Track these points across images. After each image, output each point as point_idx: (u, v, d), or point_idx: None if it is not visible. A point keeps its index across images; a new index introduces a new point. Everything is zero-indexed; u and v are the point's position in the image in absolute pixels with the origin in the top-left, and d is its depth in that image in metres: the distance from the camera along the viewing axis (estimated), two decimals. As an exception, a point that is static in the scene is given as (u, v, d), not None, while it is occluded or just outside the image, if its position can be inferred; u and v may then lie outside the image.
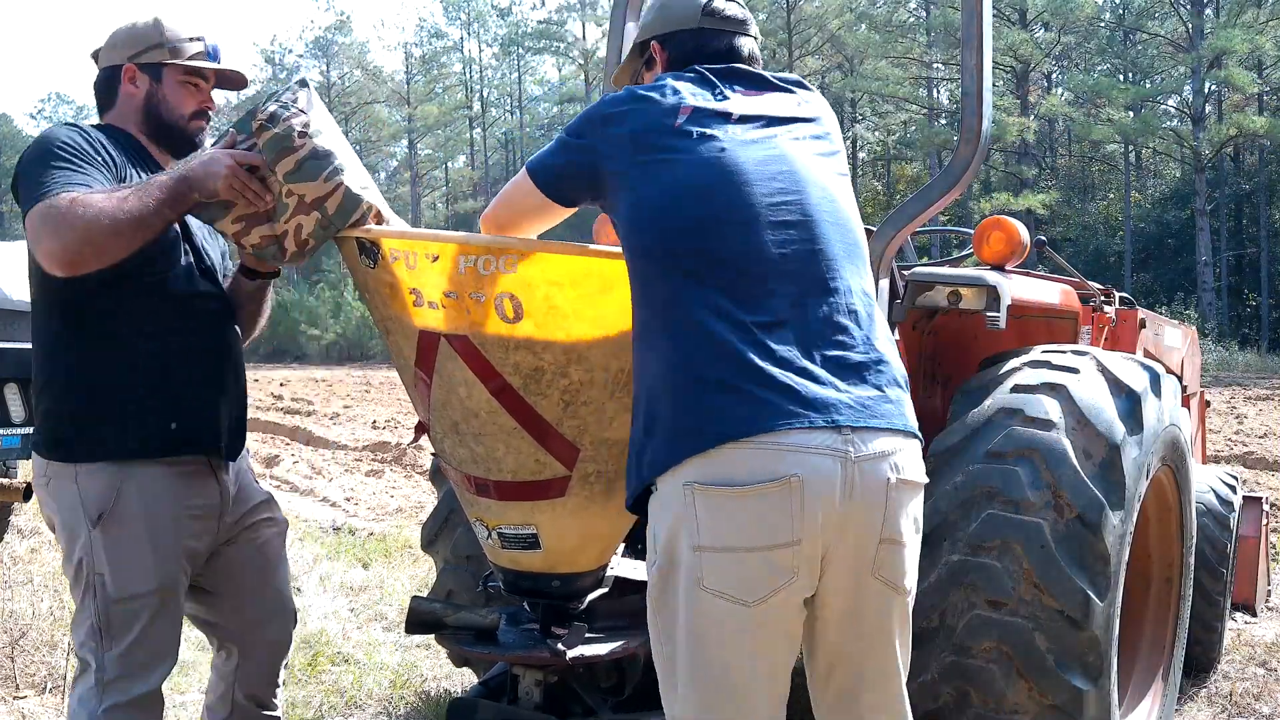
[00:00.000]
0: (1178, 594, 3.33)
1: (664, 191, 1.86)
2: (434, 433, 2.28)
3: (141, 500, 2.28)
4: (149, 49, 2.41)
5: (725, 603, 1.75)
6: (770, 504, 1.72)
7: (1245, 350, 26.45)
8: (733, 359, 1.75)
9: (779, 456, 1.71)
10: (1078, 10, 31.65)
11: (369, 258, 2.10)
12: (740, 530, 1.73)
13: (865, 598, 1.83)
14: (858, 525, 1.77)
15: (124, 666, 2.27)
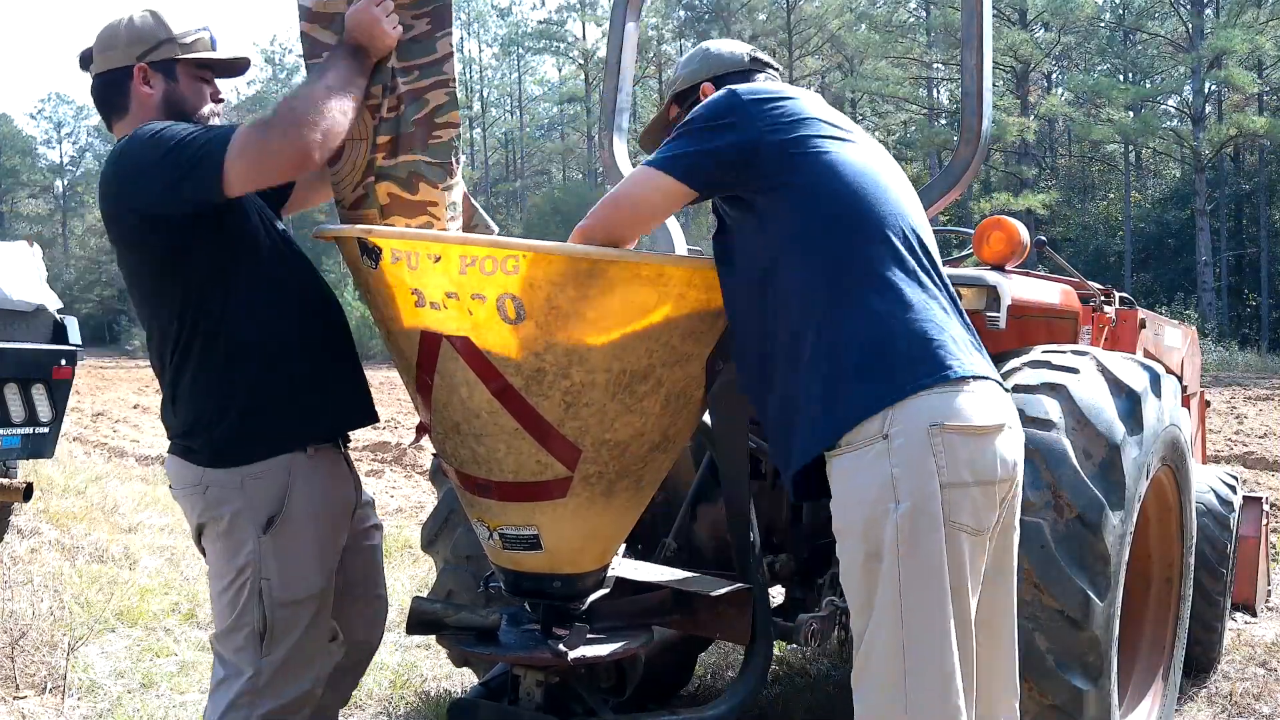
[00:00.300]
0: (1178, 594, 3.33)
1: (855, 170, 2.02)
2: (435, 433, 2.28)
3: (309, 502, 2.27)
4: (158, 45, 2.30)
5: (967, 534, 1.90)
6: (1001, 443, 1.94)
7: (1245, 350, 26.45)
8: (934, 316, 1.95)
9: (1003, 401, 1.99)
10: (1078, 10, 31.66)
11: (370, 258, 2.10)
12: (980, 466, 1.91)
13: (1007, 545, 2.05)
14: (1012, 478, 2.00)
15: (282, 671, 2.26)
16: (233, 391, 2.24)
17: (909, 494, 1.87)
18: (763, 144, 2.00)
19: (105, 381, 23.67)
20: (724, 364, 2.21)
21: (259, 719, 2.25)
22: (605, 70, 3.67)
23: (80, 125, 68.30)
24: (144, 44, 2.30)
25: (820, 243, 1.99)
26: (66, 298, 36.51)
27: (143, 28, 2.32)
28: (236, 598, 2.26)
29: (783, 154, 2.00)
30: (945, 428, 1.88)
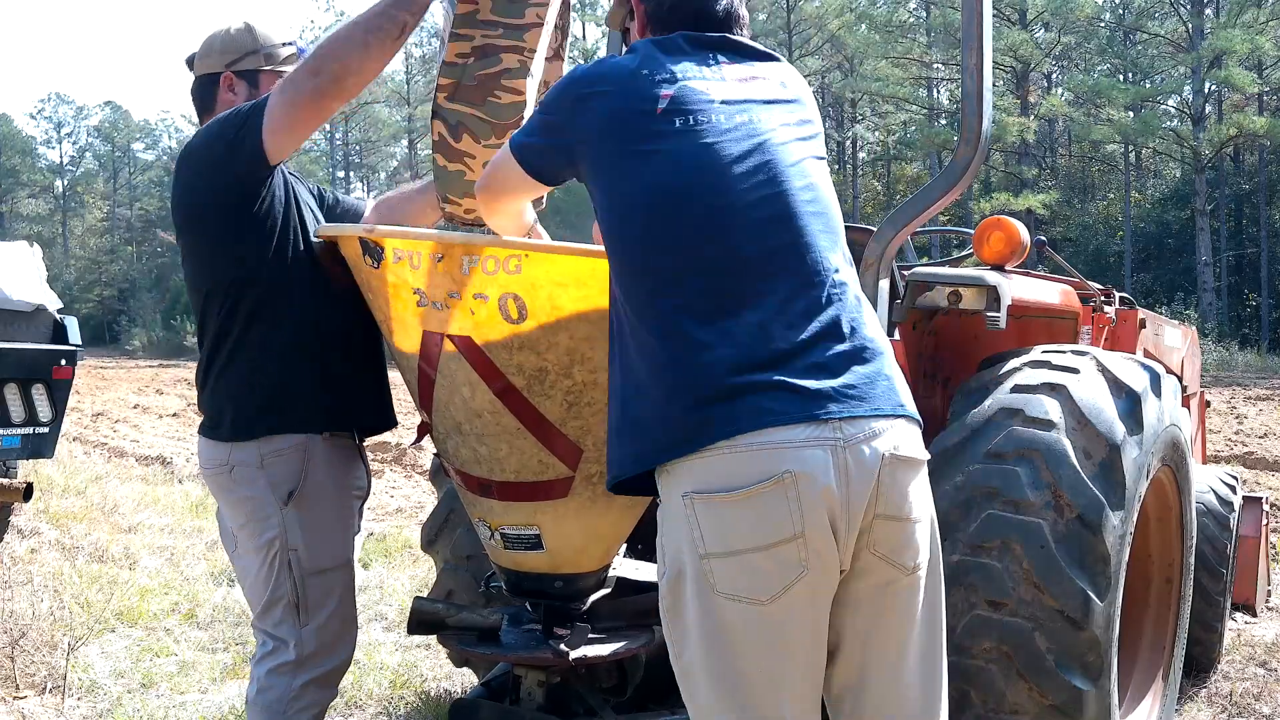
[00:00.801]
0: (1178, 594, 3.33)
1: (643, 190, 1.82)
2: (436, 433, 2.29)
3: (327, 476, 2.38)
4: (245, 56, 2.50)
5: (740, 605, 1.73)
6: (768, 502, 1.70)
7: (1245, 350, 26.44)
8: (714, 364, 1.73)
9: (769, 456, 1.70)
10: (1078, 10, 31.64)
11: (372, 257, 2.10)
12: (743, 532, 1.71)
13: (865, 575, 1.79)
14: (855, 506, 1.74)
15: (321, 640, 2.37)
16: (264, 373, 2.36)
17: (672, 564, 1.78)
18: (574, 151, 1.90)
19: (105, 381, 23.66)
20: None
21: (299, 688, 2.35)
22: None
23: (80, 125, 68.28)
24: (233, 54, 2.51)
25: (616, 268, 1.85)
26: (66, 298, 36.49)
27: (235, 39, 2.53)
28: (269, 572, 2.37)
29: (589, 164, 1.89)
30: (696, 497, 1.72)
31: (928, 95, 38.69)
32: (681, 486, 1.74)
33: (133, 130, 67.18)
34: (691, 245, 1.79)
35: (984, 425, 2.66)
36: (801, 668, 1.79)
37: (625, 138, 1.83)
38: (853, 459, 1.72)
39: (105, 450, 11.51)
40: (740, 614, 1.73)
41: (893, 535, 1.79)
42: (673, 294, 1.77)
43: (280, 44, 2.52)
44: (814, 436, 1.70)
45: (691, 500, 1.73)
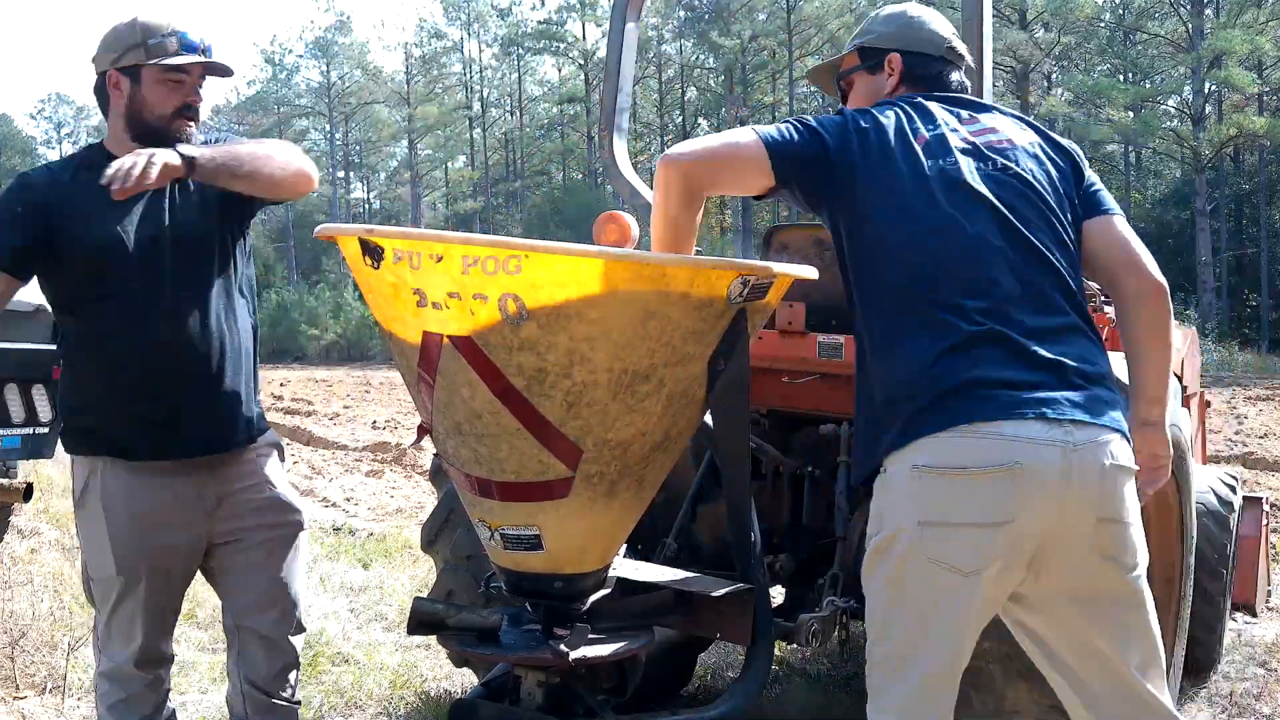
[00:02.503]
0: (1178, 594, 3.33)
1: (897, 215, 2.03)
2: (436, 434, 2.28)
3: (105, 495, 2.46)
4: (127, 51, 2.41)
5: (945, 572, 1.92)
6: (991, 487, 1.88)
7: (1245, 350, 26.44)
8: (962, 363, 1.93)
9: (1005, 445, 1.89)
10: (1078, 10, 31.64)
11: (372, 258, 2.10)
12: (960, 508, 1.90)
13: (1092, 577, 1.97)
14: (1076, 508, 1.92)
15: (106, 633, 2.55)
16: (69, 392, 2.55)
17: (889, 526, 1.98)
18: (833, 162, 2.08)
19: (105, 381, 23.62)
20: (725, 364, 2.20)
21: (98, 675, 2.61)
22: (605, 70, 3.67)
23: (80, 125, 68.20)
24: (117, 49, 2.43)
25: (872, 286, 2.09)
26: (66, 298, 36.35)
27: (120, 33, 2.44)
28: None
29: (845, 174, 2.07)
30: (925, 470, 1.93)
31: (928, 95, 38.65)
32: (911, 459, 1.93)
33: (133, 130, 67.15)
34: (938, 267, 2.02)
35: (984, 425, 2.65)
36: (957, 641, 1.99)
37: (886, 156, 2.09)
38: (1079, 461, 1.91)
39: (105, 450, 11.49)
40: (944, 580, 1.93)
41: (1117, 537, 1.98)
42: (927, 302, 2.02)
43: (164, 36, 2.41)
44: (1046, 436, 1.90)
45: (920, 472, 1.92)
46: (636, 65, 3.82)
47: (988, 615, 2.02)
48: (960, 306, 1.96)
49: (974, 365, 1.93)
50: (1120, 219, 2.17)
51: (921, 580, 1.94)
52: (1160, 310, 2.09)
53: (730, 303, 2.14)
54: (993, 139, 2.14)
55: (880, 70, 2.31)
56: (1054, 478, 1.89)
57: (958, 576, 1.91)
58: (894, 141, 2.07)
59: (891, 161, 2.06)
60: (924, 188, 2.03)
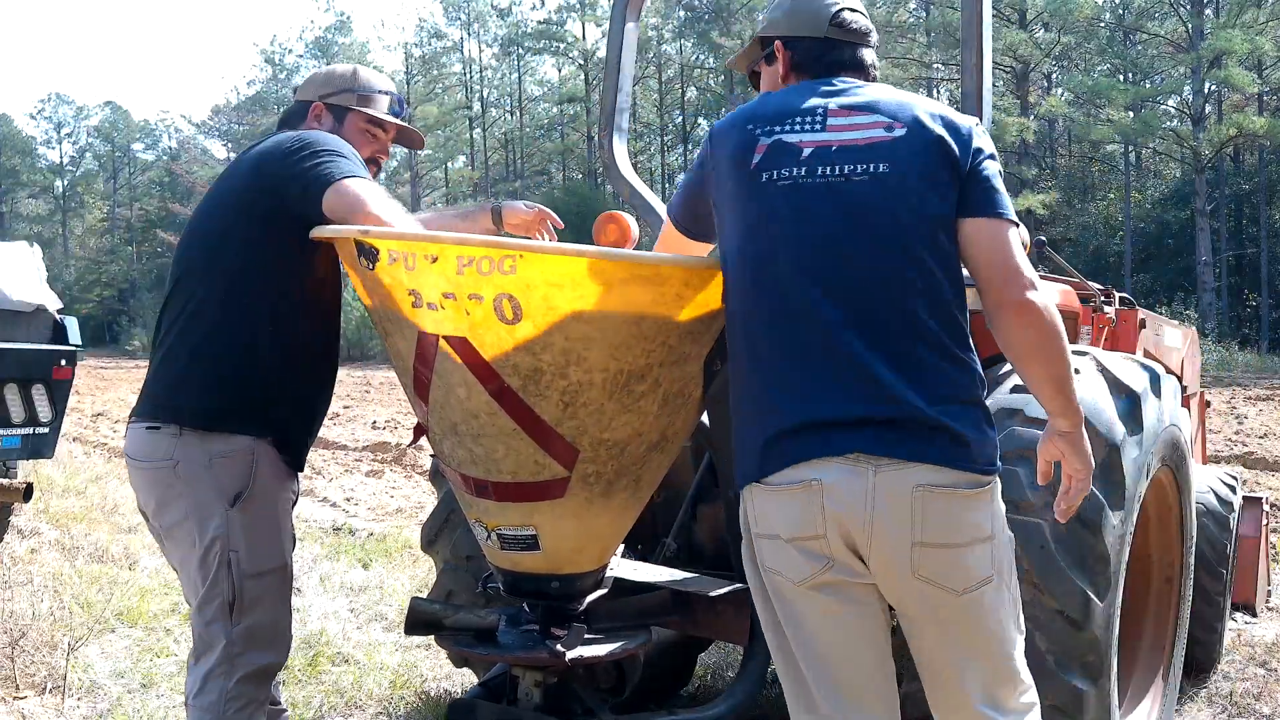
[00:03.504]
0: (1178, 594, 3.33)
1: (730, 245, 2.03)
2: (433, 434, 2.28)
3: (272, 481, 2.42)
4: (339, 92, 2.60)
5: (780, 580, 1.98)
6: (798, 502, 1.90)
7: (1245, 350, 26.43)
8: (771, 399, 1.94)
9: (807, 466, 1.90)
10: (1078, 10, 31.61)
11: (368, 259, 2.10)
12: (780, 522, 1.94)
13: (912, 598, 1.94)
14: (885, 530, 1.88)
15: (250, 640, 2.40)
16: (236, 370, 2.39)
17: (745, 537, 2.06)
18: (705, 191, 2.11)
19: (105, 382, 23.66)
20: (722, 364, 2.20)
21: (234, 686, 2.39)
22: (605, 70, 3.67)
23: (80, 125, 68.26)
24: (329, 87, 2.62)
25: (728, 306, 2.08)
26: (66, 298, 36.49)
27: (337, 75, 2.64)
28: (207, 570, 2.39)
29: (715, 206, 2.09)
30: (754, 486, 1.99)
31: (928, 95, 38.69)
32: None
33: (133, 130, 67.19)
34: (762, 301, 2.04)
35: (983, 425, 2.65)
36: (849, 645, 1.99)
37: (728, 183, 2.11)
38: (885, 483, 1.88)
39: (105, 450, 11.51)
40: (781, 587, 2.00)
41: (935, 561, 1.91)
42: (746, 334, 2.07)
43: (378, 91, 2.62)
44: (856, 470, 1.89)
45: (751, 489, 2.01)
46: (636, 65, 3.82)
47: (875, 624, 2.01)
48: (771, 337, 1.95)
49: (778, 401, 1.92)
50: (998, 223, 1.95)
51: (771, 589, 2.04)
52: (1025, 327, 1.96)
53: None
54: (851, 138, 1.99)
55: (775, 60, 2.20)
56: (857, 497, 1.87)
57: (791, 585, 1.98)
58: (729, 171, 2.04)
59: (725, 193, 2.06)
60: (744, 218, 2.00)
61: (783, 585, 1.98)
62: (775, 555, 1.97)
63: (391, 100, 2.65)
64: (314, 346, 2.49)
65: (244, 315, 2.38)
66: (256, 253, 2.37)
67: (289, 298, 2.39)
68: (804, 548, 1.93)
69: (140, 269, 60.17)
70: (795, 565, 1.94)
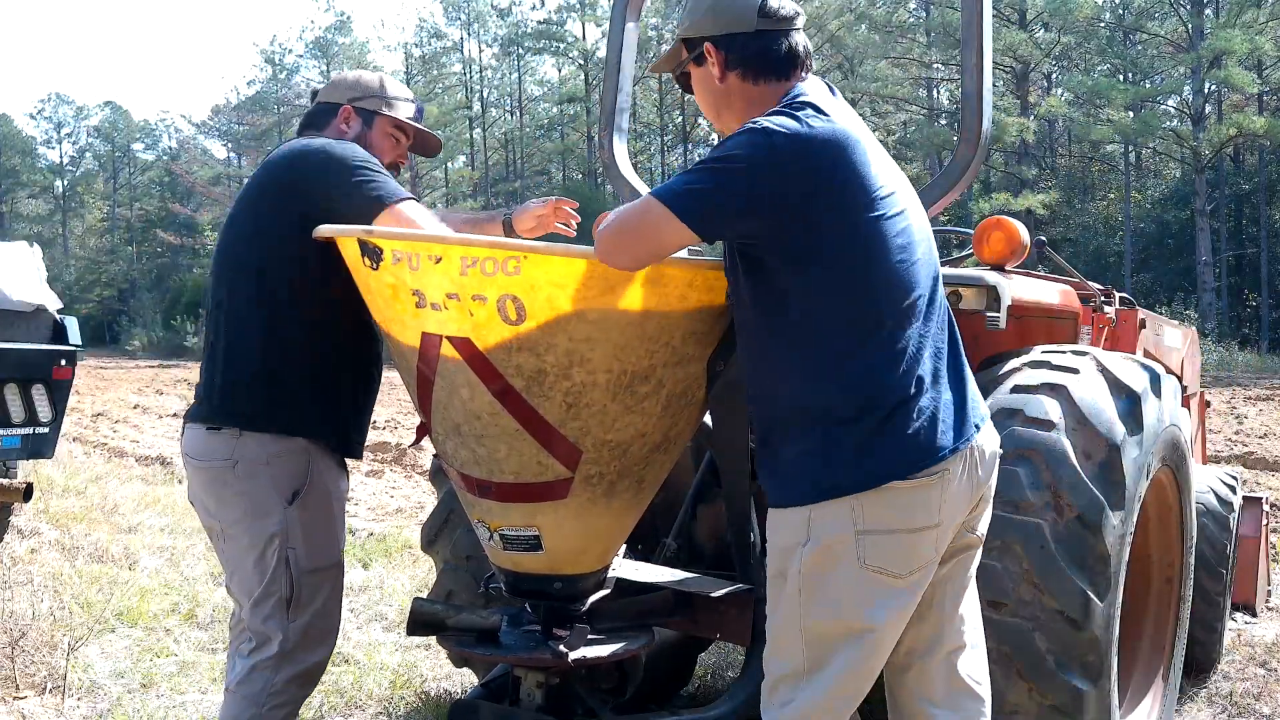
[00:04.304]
0: (1178, 594, 3.33)
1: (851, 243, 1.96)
2: (435, 434, 2.28)
3: (328, 479, 2.49)
4: (369, 96, 2.67)
5: (884, 577, 1.95)
6: (923, 494, 1.94)
7: (1245, 350, 26.43)
8: (899, 385, 1.94)
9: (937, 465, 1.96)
10: (1078, 10, 31.61)
11: (371, 259, 2.10)
12: (896, 516, 1.94)
13: (961, 550, 2.10)
14: (970, 496, 2.03)
15: (305, 636, 2.46)
16: (294, 371, 2.46)
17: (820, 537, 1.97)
18: (786, 206, 1.89)
19: (105, 381, 23.66)
20: (724, 364, 2.20)
21: (281, 683, 2.44)
22: (605, 70, 3.67)
23: (80, 125, 68.22)
24: (358, 91, 2.68)
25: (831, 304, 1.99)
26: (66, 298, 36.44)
27: (365, 81, 2.71)
28: (265, 566, 2.44)
29: (809, 225, 1.90)
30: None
31: (927, 95, 38.69)
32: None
33: (133, 130, 67.15)
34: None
35: (984, 426, 2.66)
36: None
37: (857, 197, 1.99)
38: (977, 457, 2.03)
39: (105, 450, 11.51)
40: (884, 585, 1.97)
41: (984, 513, 2.13)
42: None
43: (404, 98, 2.70)
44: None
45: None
46: (636, 65, 3.82)
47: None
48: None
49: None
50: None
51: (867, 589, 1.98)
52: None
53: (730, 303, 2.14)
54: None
55: (705, 61, 2.11)
56: (963, 476, 2.03)
57: (896, 580, 1.98)
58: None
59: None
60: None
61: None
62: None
63: (415, 107, 2.73)
64: (358, 345, 2.55)
65: (287, 318, 2.45)
66: (296, 257, 2.41)
67: (328, 299, 2.43)
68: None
69: (140, 269, 60.16)
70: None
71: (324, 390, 2.48)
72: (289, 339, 2.45)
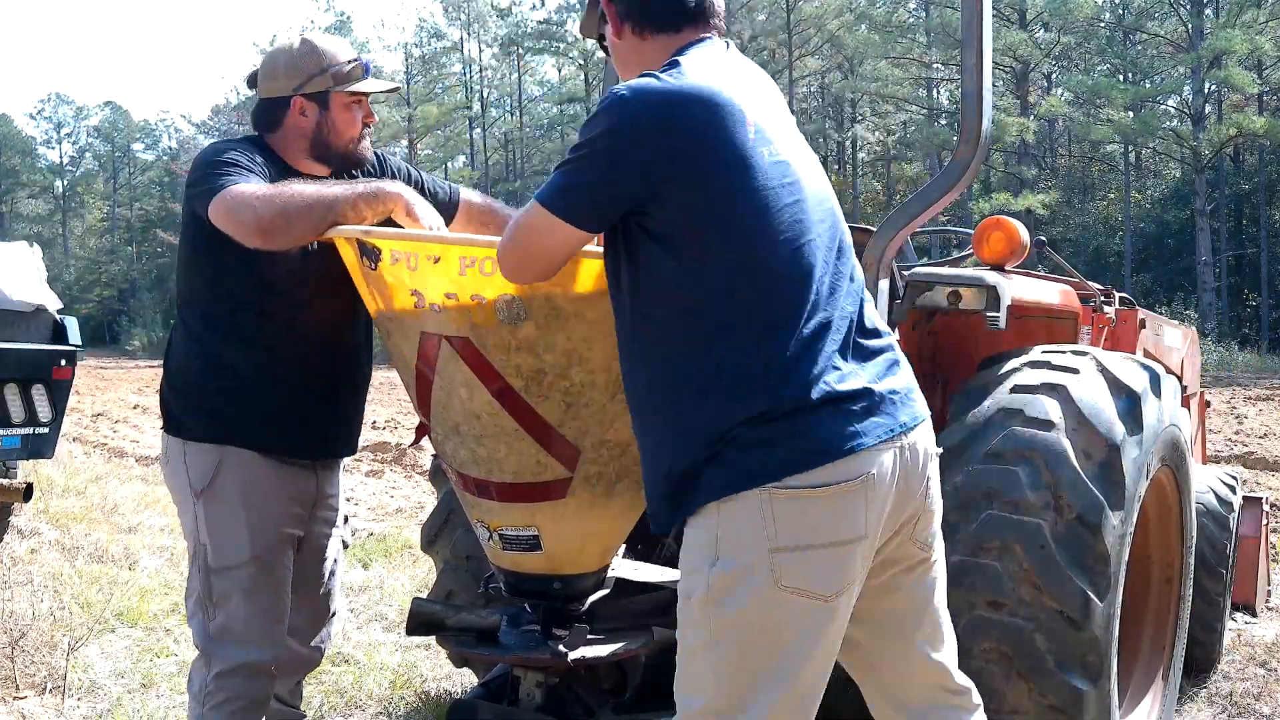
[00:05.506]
0: (1178, 594, 3.33)
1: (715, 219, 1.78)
2: (435, 434, 2.28)
3: (240, 476, 2.44)
4: (314, 78, 2.47)
5: (804, 600, 1.74)
6: (846, 502, 1.74)
7: (1245, 350, 26.43)
8: (801, 374, 1.74)
9: (856, 459, 1.74)
10: (1077, 10, 31.62)
11: (370, 259, 2.10)
12: (816, 529, 1.73)
13: (901, 561, 1.92)
14: (903, 503, 1.85)
15: (226, 634, 2.43)
16: (202, 374, 2.48)
17: (730, 556, 1.75)
18: (657, 184, 1.74)
19: (105, 382, 23.66)
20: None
21: (212, 681, 2.43)
22: (605, 70, 3.67)
23: (80, 125, 68.23)
24: (300, 75, 2.47)
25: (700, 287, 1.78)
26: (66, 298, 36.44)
27: (300, 61, 2.49)
28: (191, 564, 2.49)
29: (686, 195, 1.74)
30: (775, 492, 1.72)
31: (928, 95, 38.69)
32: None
33: (133, 130, 67.17)
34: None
35: (984, 426, 2.66)
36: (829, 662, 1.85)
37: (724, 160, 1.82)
38: (910, 459, 1.83)
39: (105, 450, 11.51)
40: (802, 609, 1.76)
41: (927, 524, 1.95)
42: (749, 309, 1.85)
43: (345, 61, 2.50)
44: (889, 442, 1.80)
45: (769, 493, 1.73)
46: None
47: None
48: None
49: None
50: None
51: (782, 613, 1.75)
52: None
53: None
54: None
55: (605, 21, 2.02)
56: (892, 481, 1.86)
57: (819, 604, 1.76)
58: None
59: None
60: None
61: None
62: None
63: (358, 65, 2.52)
64: (290, 347, 2.47)
65: (207, 336, 2.48)
66: (195, 270, 2.47)
67: (245, 306, 2.43)
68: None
69: (140, 269, 60.14)
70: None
71: (250, 399, 2.45)
72: (207, 352, 2.47)
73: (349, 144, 2.53)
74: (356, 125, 2.54)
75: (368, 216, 2.22)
